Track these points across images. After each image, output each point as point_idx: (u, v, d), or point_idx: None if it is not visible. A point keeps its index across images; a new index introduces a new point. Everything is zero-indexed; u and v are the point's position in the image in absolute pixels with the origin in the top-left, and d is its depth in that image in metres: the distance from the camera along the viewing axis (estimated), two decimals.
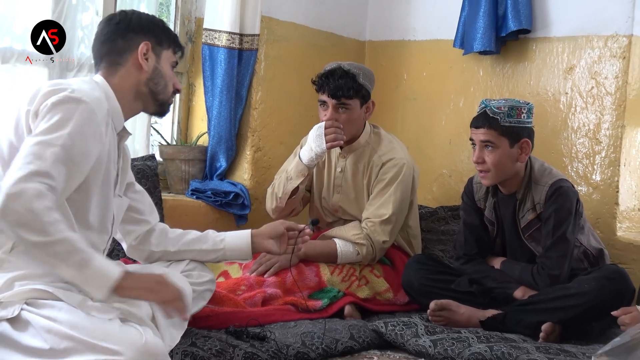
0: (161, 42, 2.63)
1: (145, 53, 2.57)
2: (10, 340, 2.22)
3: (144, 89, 2.61)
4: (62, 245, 2.18)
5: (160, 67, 2.63)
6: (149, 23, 2.63)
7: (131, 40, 2.57)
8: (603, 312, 3.40)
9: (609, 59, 4.15)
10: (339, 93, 3.72)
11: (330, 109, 3.75)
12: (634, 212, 4.20)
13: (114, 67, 2.58)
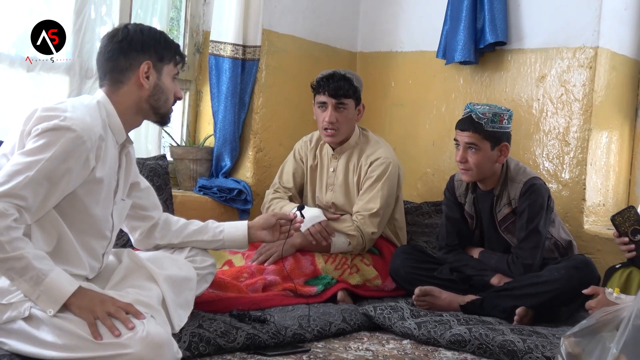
0: (162, 57, 2.57)
1: (146, 72, 2.52)
2: (28, 335, 2.24)
3: (145, 105, 2.57)
4: (18, 262, 2.18)
5: (161, 82, 2.57)
6: (150, 40, 2.55)
7: (133, 59, 2.52)
8: (571, 298, 3.41)
9: (577, 69, 4.14)
10: (340, 92, 3.75)
11: (330, 108, 3.76)
12: (599, 207, 4.20)
13: (117, 85, 2.53)
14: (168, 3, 4.33)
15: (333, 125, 3.78)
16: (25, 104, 3.59)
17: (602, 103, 4.14)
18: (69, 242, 2.43)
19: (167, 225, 2.94)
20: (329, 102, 3.77)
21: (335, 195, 3.94)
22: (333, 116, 3.77)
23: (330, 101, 3.76)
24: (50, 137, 2.29)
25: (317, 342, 3.03)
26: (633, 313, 2.25)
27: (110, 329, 2.19)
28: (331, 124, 3.78)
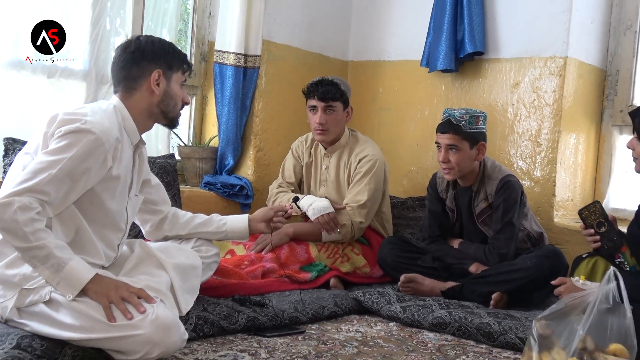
0: (171, 66, 2.57)
1: (156, 79, 2.53)
2: (48, 317, 2.24)
3: (156, 110, 2.57)
4: (41, 250, 2.19)
5: (170, 89, 2.57)
6: (160, 50, 2.56)
7: (145, 68, 2.52)
8: (542, 284, 3.41)
9: (548, 76, 4.15)
10: (328, 96, 3.76)
11: (320, 111, 3.77)
12: (567, 202, 4.20)
13: (130, 91, 2.54)
14: (176, 16, 4.32)
15: (323, 126, 3.80)
16: (46, 107, 3.58)
17: (570, 108, 4.14)
18: (87, 233, 2.43)
19: (175, 219, 2.94)
20: (318, 106, 3.78)
21: (328, 190, 3.95)
22: (323, 118, 3.78)
23: (320, 104, 3.77)
24: (72, 139, 2.30)
25: (312, 324, 3.04)
26: (598, 298, 2.26)
27: (124, 312, 2.20)
28: (321, 125, 3.80)
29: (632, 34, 4.25)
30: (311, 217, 3.68)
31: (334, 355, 2.58)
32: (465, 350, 2.79)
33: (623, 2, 4.27)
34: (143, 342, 2.17)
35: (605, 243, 2.88)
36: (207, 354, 2.49)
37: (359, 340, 2.83)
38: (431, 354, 2.70)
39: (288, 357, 2.52)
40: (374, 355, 2.62)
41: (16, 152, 2.74)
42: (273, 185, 4.07)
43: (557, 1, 4.10)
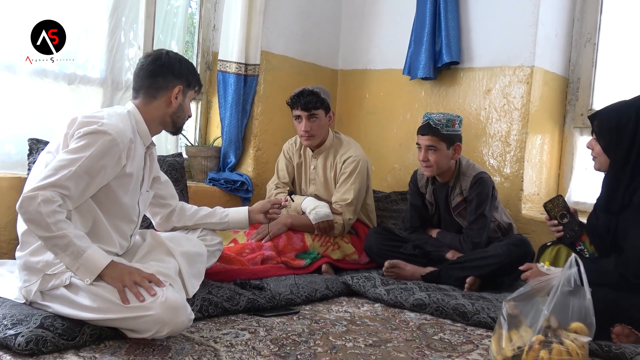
0: (190, 84, 2.59)
1: (177, 94, 2.54)
2: (68, 300, 2.25)
3: (168, 119, 2.58)
4: (62, 239, 2.19)
5: (184, 104, 2.59)
6: (185, 69, 2.57)
7: (169, 82, 2.53)
8: (511, 269, 3.41)
9: (516, 84, 4.15)
10: (310, 106, 3.74)
11: (304, 120, 3.76)
12: (534, 196, 4.21)
13: (150, 99, 2.53)
14: (184, 29, 4.31)
15: (308, 132, 3.79)
16: (66, 111, 3.57)
17: (536, 112, 4.14)
18: (103, 224, 2.43)
19: (182, 211, 2.94)
20: (302, 115, 3.77)
21: (317, 188, 3.94)
22: (307, 125, 3.77)
23: (303, 114, 3.76)
24: (90, 139, 2.29)
25: (305, 305, 3.04)
26: (561, 282, 2.27)
27: (136, 295, 2.20)
28: (307, 132, 3.79)
29: (592, 46, 4.25)
30: (312, 220, 3.67)
31: (325, 333, 2.58)
32: (442, 329, 2.79)
33: (584, 17, 4.28)
34: (154, 322, 2.17)
35: (567, 233, 2.88)
36: (211, 332, 2.49)
37: (348, 320, 2.82)
38: (412, 332, 2.70)
39: (284, 335, 2.51)
40: (361, 333, 2.62)
41: (40, 151, 2.72)
42: (271, 186, 4.05)
43: (524, 16, 4.10)
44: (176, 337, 2.35)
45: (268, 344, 2.39)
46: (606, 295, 2.53)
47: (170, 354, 2.19)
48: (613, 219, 2.75)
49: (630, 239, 2.62)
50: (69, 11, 3.53)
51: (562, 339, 2.23)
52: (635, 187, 2.65)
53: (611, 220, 2.76)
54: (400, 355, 2.37)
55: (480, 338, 2.68)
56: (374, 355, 2.34)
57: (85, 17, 3.65)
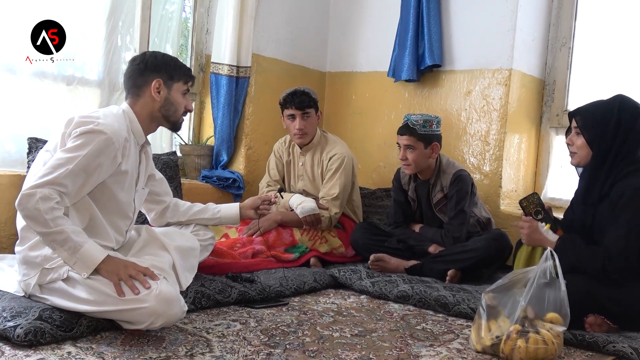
0: (172, 76, 2.54)
1: (157, 87, 2.50)
2: (66, 293, 2.24)
3: (158, 114, 2.54)
4: (59, 235, 2.18)
5: (170, 97, 2.54)
6: (162, 63, 2.53)
7: (147, 77, 2.50)
8: (490, 262, 3.44)
9: (495, 86, 4.15)
10: (303, 104, 3.75)
11: (298, 118, 3.75)
12: (512, 192, 4.22)
13: (136, 98, 2.52)
14: (178, 33, 4.29)
15: (302, 130, 3.79)
16: (65, 111, 3.54)
17: (514, 112, 4.15)
18: (99, 220, 2.41)
19: (176, 207, 2.92)
20: (296, 114, 3.76)
21: (305, 184, 3.94)
22: (301, 124, 3.77)
23: (297, 112, 3.76)
24: (86, 138, 2.28)
25: (294, 297, 3.03)
26: (537, 274, 2.28)
27: (131, 288, 2.18)
28: (300, 130, 3.78)
29: (567, 50, 4.26)
30: (299, 214, 3.66)
31: (313, 324, 2.57)
32: (425, 319, 2.79)
33: (559, 23, 4.29)
34: (148, 314, 2.16)
35: None
36: (204, 323, 2.48)
37: (335, 311, 2.82)
38: (396, 322, 2.70)
39: (274, 326, 2.50)
40: (347, 324, 2.62)
41: (39, 149, 2.70)
42: (263, 184, 4.04)
43: (503, 21, 4.10)
44: (170, 328, 2.34)
45: (258, 334, 2.38)
46: (580, 286, 2.54)
47: (164, 344, 2.18)
48: (589, 211, 2.76)
49: (609, 235, 2.62)
50: (68, 15, 3.49)
51: (538, 328, 2.24)
52: (612, 181, 2.66)
53: (587, 213, 2.77)
54: (385, 344, 2.37)
55: (460, 328, 2.68)
56: (359, 345, 2.34)
57: (83, 21, 3.62)
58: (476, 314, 2.40)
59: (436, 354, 2.29)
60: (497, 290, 2.36)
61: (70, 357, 2.01)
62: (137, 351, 2.09)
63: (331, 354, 2.21)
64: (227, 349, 2.19)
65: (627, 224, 2.58)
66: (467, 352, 2.34)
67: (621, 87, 3.63)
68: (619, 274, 2.57)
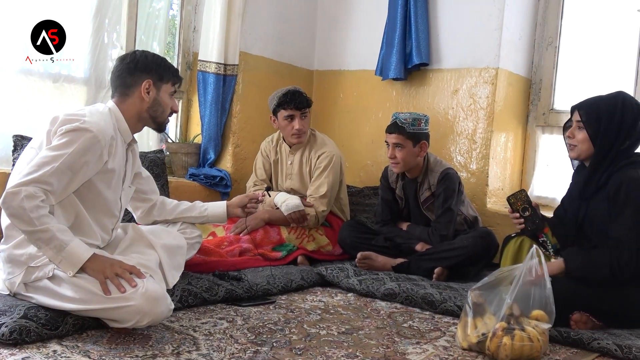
0: (162, 77, 2.52)
1: (147, 88, 2.48)
2: (52, 291, 2.23)
3: (145, 115, 2.53)
4: (45, 233, 2.16)
5: (159, 98, 2.52)
6: (152, 63, 2.51)
7: (137, 78, 2.48)
8: (477, 260, 3.45)
9: (482, 84, 4.17)
10: (303, 105, 3.76)
11: (298, 118, 3.75)
12: (498, 191, 4.24)
13: (124, 97, 2.50)
14: (165, 30, 4.27)
15: (300, 130, 3.78)
16: (51, 108, 3.52)
17: (501, 111, 4.17)
18: (85, 219, 2.40)
19: (163, 206, 2.90)
20: (295, 114, 3.75)
21: (293, 182, 3.93)
22: (301, 124, 3.77)
23: (297, 113, 3.75)
24: (72, 136, 2.26)
25: (281, 295, 3.03)
26: (522, 272, 2.28)
27: (117, 287, 2.17)
28: (299, 130, 3.77)
29: (553, 49, 4.29)
30: (284, 212, 3.66)
31: (300, 322, 2.57)
32: (412, 317, 2.80)
33: (546, 22, 4.31)
34: (134, 312, 2.15)
35: (528, 225, 2.90)
36: (191, 321, 2.47)
37: (322, 309, 2.82)
38: (383, 320, 2.70)
39: (261, 324, 2.50)
40: (334, 321, 2.62)
41: (24, 147, 2.68)
42: (249, 184, 4.03)
43: (490, 20, 4.11)
44: (156, 326, 2.33)
45: (245, 332, 2.38)
46: (565, 284, 2.55)
47: (151, 342, 2.17)
48: (583, 205, 2.77)
49: (615, 229, 2.62)
50: (54, 12, 3.47)
51: (524, 325, 2.25)
52: (610, 173, 2.67)
53: (581, 207, 2.78)
54: (372, 342, 2.37)
55: (447, 325, 2.69)
56: (346, 342, 2.34)
57: (69, 18, 3.59)
58: (462, 311, 2.40)
59: (422, 352, 2.29)
60: (483, 288, 2.37)
61: (56, 355, 2.00)
62: (123, 349, 2.08)
63: (318, 352, 2.21)
64: (214, 347, 2.18)
65: (632, 217, 2.58)
66: (453, 349, 2.35)
67: (608, 85, 3.67)
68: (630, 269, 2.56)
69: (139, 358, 2.02)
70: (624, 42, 4.01)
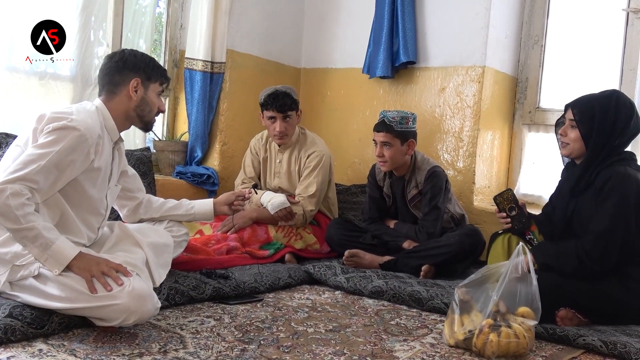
0: (150, 77, 2.51)
1: (135, 87, 2.47)
2: (37, 290, 2.21)
3: (132, 113, 2.51)
4: (30, 231, 2.15)
5: (147, 97, 2.51)
6: (141, 62, 2.50)
7: (125, 76, 2.46)
8: (464, 257, 3.46)
9: (469, 83, 4.18)
10: (285, 107, 3.71)
11: (279, 121, 3.73)
12: (485, 189, 4.25)
13: (111, 95, 2.48)
14: (152, 28, 4.25)
15: (282, 133, 3.77)
16: (37, 106, 3.50)
17: (487, 109, 4.18)
18: (70, 217, 2.39)
19: (149, 204, 2.89)
20: (277, 116, 3.73)
21: (281, 181, 3.92)
22: (282, 126, 3.74)
23: (278, 115, 3.73)
24: (59, 134, 2.24)
25: (269, 293, 3.02)
26: (509, 269, 2.30)
27: (104, 285, 2.16)
28: (281, 132, 3.76)
29: (539, 47, 4.31)
30: (270, 211, 3.66)
31: (288, 320, 2.57)
32: (399, 314, 2.80)
33: (532, 20, 4.33)
34: (121, 310, 2.14)
35: (515, 224, 2.92)
36: (177, 319, 2.46)
37: (309, 307, 2.82)
38: (370, 317, 2.71)
39: (248, 322, 2.50)
40: (322, 319, 2.62)
41: (9, 145, 2.66)
42: (238, 181, 4.02)
43: (477, 19, 4.13)
44: (143, 324, 2.32)
45: (232, 330, 2.37)
46: (551, 281, 2.57)
47: (138, 340, 2.16)
48: (572, 201, 2.79)
49: (594, 222, 2.65)
50: (39, 9, 3.45)
51: (510, 322, 2.26)
52: (598, 170, 2.69)
53: (570, 203, 2.80)
54: (359, 339, 2.37)
55: (434, 323, 2.70)
56: (333, 340, 2.34)
57: (55, 16, 3.56)
58: (449, 308, 2.41)
59: (410, 349, 2.30)
60: (470, 285, 2.38)
61: (42, 354, 1.98)
62: (109, 348, 2.08)
63: (305, 350, 2.21)
64: (201, 345, 2.18)
65: (613, 207, 2.61)
66: (440, 346, 2.36)
67: (593, 83, 3.69)
68: (598, 261, 2.59)
69: (126, 356, 2.01)
70: (610, 41, 4.03)
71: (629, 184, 2.63)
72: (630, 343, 2.34)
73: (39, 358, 1.95)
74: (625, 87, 3.88)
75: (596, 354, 2.37)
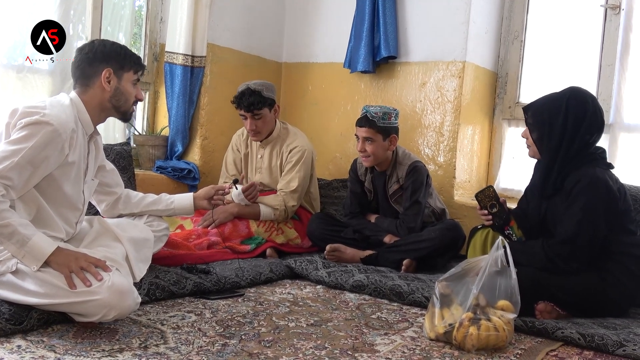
0: (123, 66, 2.47)
1: (107, 77, 2.43)
2: (15, 286, 2.18)
3: (108, 104, 2.48)
4: (6, 228, 2.13)
5: (121, 86, 2.47)
6: (112, 52, 2.46)
7: (97, 68, 2.43)
8: (445, 252, 3.49)
9: (449, 78, 4.20)
10: (252, 107, 3.68)
11: (250, 119, 3.72)
12: (465, 183, 4.28)
13: (85, 87, 2.45)
14: (131, 21, 4.21)
15: (254, 130, 3.76)
16: (14, 100, 3.45)
17: (468, 104, 4.21)
18: (46, 212, 2.36)
19: (128, 199, 2.87)
20: (247, 115, 3.72)
21: (263, 177, 3.92)
22: (252, 124, 3.73)
23: (247, 114, 3.72)
24: (32, 130, 2.21)
25: (250, 287, 3.02)
26: (488, 263, 2.31)
27: (83, 280, 2.14)
28: (252, 130, 3.75)
29: (519, 43, 4.34)
30: (241, 202, 3.65)
31: (269, 314, 2.57)
32: (380, 308, 2.81)
33: (512, 16, 4.36)
34: (100, 306, 2.13)
35: (496, 221, 2.93)
36: (158, 315, 2.45)
37: (291, 301, 2.82)
38: (352, 312, 2.72)
39: (229, 317, 2.49)
40: (303, 314, 2.62)
41: None
42: (221, 180, 4.01)
43: (457, 14, 4.15)
44: (123, 320, 2.30)
45: (213, 325, 2.37)
46: (530, 275, 2.59)
47: (118, 336, 2.15)
48: (543, 203, 2.81)
49: (560, 224, 2.68)
50: (17, 2, 3.40)
51: (489, 316, 2.27)
52: (565, 173, 2.71)
53: (541, 205, 2.83)
54: (340, 333, 2.38)
55: (415, 316, 2.71)
56: (315, 334, 2.34)
57: (33, 9, 3.53)
58: (430, 302, 2.43)
59: (390, 342, 2.31)
60: (450, 279, 2.39)
61: (20, 350, 1.96)
62: (89, 344, 2.06)
63: (287, 344, 2.21)
64: (182, 340, 2.17)
65: (580, 211, 2.63)
66: (421, 340, 2.37)
67: (572, 79, 3.71)
68: (567, 261, 2.63)
69: (106, 352, 2.00)
70: (588, 37, 4.07)
71: (598, 187, 2.64)
72: (608, 335, 2.37)
73: (17, 354, 1.93)
74: (603, 82, 3.93)
75: (574, 347, 2.39)
